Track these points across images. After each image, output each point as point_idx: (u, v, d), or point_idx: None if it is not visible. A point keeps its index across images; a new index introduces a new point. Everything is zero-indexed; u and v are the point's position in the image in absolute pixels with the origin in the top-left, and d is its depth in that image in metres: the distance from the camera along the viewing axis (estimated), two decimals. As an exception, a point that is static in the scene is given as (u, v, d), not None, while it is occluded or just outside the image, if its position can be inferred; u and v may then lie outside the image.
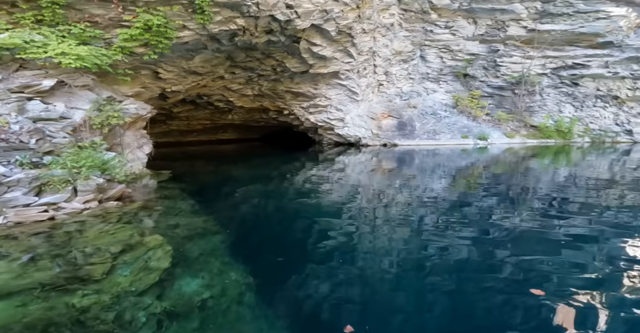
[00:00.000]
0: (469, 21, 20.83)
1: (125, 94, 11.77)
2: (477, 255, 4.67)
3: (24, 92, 6.76)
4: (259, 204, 7.87)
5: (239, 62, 14.86)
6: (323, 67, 16.84)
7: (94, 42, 9.72)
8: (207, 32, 11.39)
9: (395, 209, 7.10)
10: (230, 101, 18.03)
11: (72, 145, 6.38)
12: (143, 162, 10.38)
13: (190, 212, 6.60)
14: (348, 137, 20.84)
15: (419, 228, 5.85)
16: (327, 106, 19.76)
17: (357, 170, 13.46)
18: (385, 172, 13.16)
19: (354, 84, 19.43)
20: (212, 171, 13.94)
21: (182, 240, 5.06)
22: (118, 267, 4.03)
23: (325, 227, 5.88)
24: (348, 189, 9.48)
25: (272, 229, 5.95)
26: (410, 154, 18.09)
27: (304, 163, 16.03)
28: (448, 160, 15.93)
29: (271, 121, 21.90)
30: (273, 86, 17.47)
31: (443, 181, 10.75)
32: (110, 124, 7.66)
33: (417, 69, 22.76)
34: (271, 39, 13.59)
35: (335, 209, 7.05)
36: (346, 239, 5.25)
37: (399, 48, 21.14)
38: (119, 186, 6.78)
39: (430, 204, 7.47)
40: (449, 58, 22.26)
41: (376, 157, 17.14)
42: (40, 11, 8.60)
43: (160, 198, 7.69)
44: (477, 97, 23.06)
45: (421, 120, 22.02)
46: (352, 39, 16.37)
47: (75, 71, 8.04)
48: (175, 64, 12.90)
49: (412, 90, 23.12)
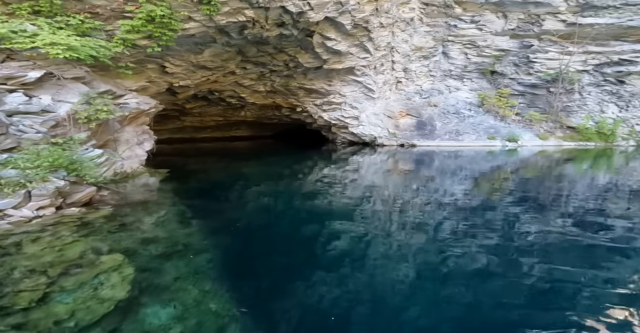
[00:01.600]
0: (498, 15, 19.38)
1: (129, 88, 11.39)
2: (499, 265, 4.27)
3: (6, 84, 6.35)
4: (264, 209, 7.26)
5: (250, 56, 14.26)
6: (337, 63, 16.01)
7: (94, 34, 9.31)
8: (214, 24, 10.81)
9: (411, 213, 6.64)
10: (242, 97, 17.51)
11: (45, 141, 5.89)
12: (141, 160, 9.92)
13: (176, 222, 5.86)
14: (363, 136, 19.93)
15: (436, 234, 5.42)
16: (341, 103, 18.92)
17: (371, 171, 12.84)
18: (402, 173, 12.45)
19: (370, 81, 18.49)
20: (222, 168, 13.58)
21: (154, 260, 4.28)
22: (55, 294, 3.34)
23: (334, 237, 5.28)
24: (361, 191, 8.92)
25: (274, 243, 5.22)
26: (430, 155, 17.07)
27: (316, 162, 15.49)
28: (471, 162, 14.92)
29: (284, 118, 21.29)
30: (286, 82, 16.81)
31: (465, 184, 9.99)
32: (99, 119, 7.17)
33: (439, 65, 21.49)
34: (283, 32, 12.89)
35: (346, 213, 6.52)
36: (357, 251, 4.76)
37: (420, 44, 19.96)
38: (87, 189, 6.07)
39: (450, 209, 6.91)
40: (475, 54, 20.86)
41: (392, 158, 16.33)
42: (37, 2, 8.24)
43: (144, 202, 7.04)
44: (506, 95, 21.49)
45: (442, 119, 20.78)
46: (368, 33, 15.44)
47: (66, 63, 7.62)
48: (184, 57, 12.43)
49: (433, 88, 21.88)
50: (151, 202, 7.13)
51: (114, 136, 8.89)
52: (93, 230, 5.19)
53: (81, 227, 5.26)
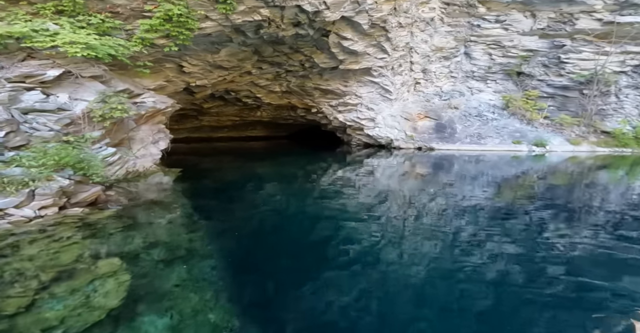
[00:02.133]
0: (526, 14, 18.62)
1: (147, 87, 11.54)
2: (519, 275, 4.03)
3: (24, 82, 6.49)
4: (274, 211, 7.13)
5: (266, 56, 14.24)
6: (354, 63, 15.78)
7: (115, 33, 9.47)
8: (230, 23, 10.82)
9: (426, 219, 6.42)
10: (258, 97, 17.53)
11: (57, 139, 5.95)
12: (155, 159, 10.00)
13: (183, 224, 5.74)
14: (379, 138, 19.59)
15: (453, 241, 5.20)
16: (357, 105, 18.66)
17: (387, 174, 12.61)
18: (419, 177, 12.13)
19: (387, 82, 18.15)
20: (236, 168, 13.67)
21: (154, 265, 4.11)
22: (45, 300, 3.21)
23: (346, 243, 5.11)
24: (376, 195, 8.71)
25: (282, 248, 5.03)
26: (449, 159, 16.55)
27: (330, 164, 15.36)
28: (494, 167, 14.40)
29: (299, 119, 21.21)
30: (301, 82, 16.71)
31: (486, 191, 9.63)
32: (113, 117, 7.23)
33: (460, 66, 20.90)
34: (299, 32, 12.78)
35: (359, 218, 6.33)
36: (369, 257, 4.57)
37: (440, 44, 19.47)
38: (93, 188, 6.01)
39: (468, 215, 6.66)
40: (500, 55, 20.13)
41: (409, 161, 15.96)
42: (60, 1, 8.41)
43: (153, 202, 6.96)
44: (533, 97, 20.48)
45: (463, 122, 20.15)
46: (386, 33, 15.14)
47: (84, 61, 7.74)
48: (200, 57, 12.51)
49: (454, 89, 21.29)
50: (160, 202, 7.10)
51: (128, 134, 8.98)
52: (94, 232, 5.04)
53: (82, 229, 5.11)
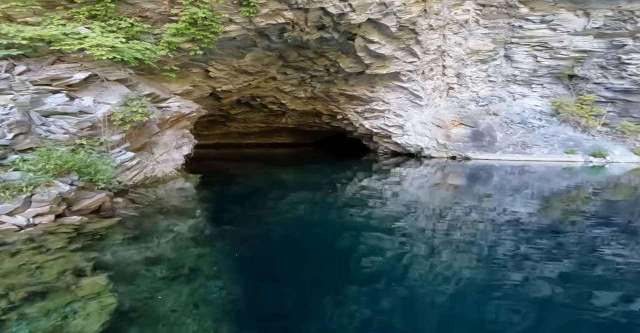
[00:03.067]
0: (577, 13, 17.25)
1: (174, 92, 11.77)
2: (564, 298, 3.67)
3: (51, 85, 6.68)
4: (295, 224, 6.74)
5: (291, 61, 14.17)
6: (381, 68, 15.32)
7: (144, 38, 9.73)
8: (254, 26, 10.83)
9: (459, 233, 6.00)
10: (284, 104, 17.50)
11: (71, 142, 5.96)
12: (177, 164, 10.01)
13: (193, 236, 5.35)
14: (408, 146, 18.82)
15: (488, 257, 4.83)
16: (384, 111, 18.09)
17: (416, 185, 11.98)
18: (452, 189, 11.37)
19: (417, 87, 17.48)
20: (261, 174, 13.60)
21: (150, 285, 3.63)
22: (11, 323, 2.84)
23: (371, 256, 4.79)
24: (403, 206, 8.33)
25: (299, 268, 4.60)
26: (488, 169, 15.45)
27: (356, 173, 14.91)
28: (542, 180, 13.19)
29: (324, 126, 20.94)
30: (326, 88, 16.47)
31: (530, 204, 8.79)
32: (134, 121, 7.28)
33: (500, 70, 19.72)
34: (324, 35, 12.60)
35: (385, 230, 6.02)
36: (394, 273, 4.27)
37: (476, 47, 18.54)
38: (97, 195, 5.68)
39: (508, 230, 6.21)
40: (547, 57, 18.73)
41: (442, 171, 15.09)
42: (94, 6, 8.74)
43: (167, 210, 6.70)
44: (589, 103, 18.58)
45: (505, 130, 18.85)
46: (416, 36, 14.60)
47: (111, 65, 7.93)
48: (226, 62, 12.64)
49: (493, 94, 20.08)
50: (178, 209, 6.92)
51: (152, 139, 9.06)
52: (88, 244, 4.60)
53: (75, 240, 4.71)
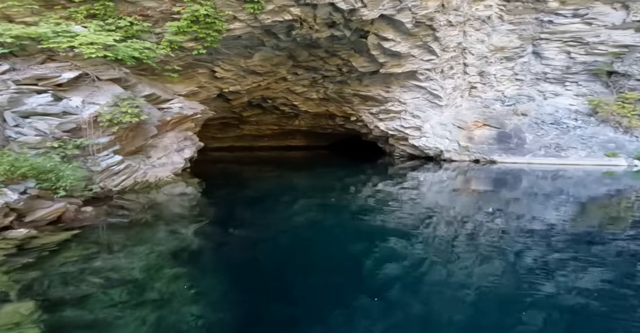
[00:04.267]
0: (615, 6, 15.80)
1: (178, 92, 11.45)
2: (608, 312, 3.34)
3: (37, 85, 6.37)
4: (300, 234, 6.17)
5: (301, 61, 13.61)
6: (396, 66, 14.49)
7: (146, 37, 9.44)
8: (259, 23, 10.33)
9: (481, 239, 5.69)
10: (295, 105, 16.97)
11: (41, 145, 5.52)
12: (176, 168, 9.56)
13: (169, 254, 4.58)
14: (426, 149, 17.82)
15: (514, 266, 4.55)
16: (400, 112, 17.19)
17: (434, 190, 11.29)
18: (475, 194, 10.63)
19: (436, 86, 16.50)
20: (273, 178, 13.26)
21: (104, 312, 3.00)
22: None
23: (384, 265, 4.51)
24: (420, 211, 7.96)
25: (307, 278, 4.13)
26: (516, 174, 14.34)
27: (370, 176, 14.26)
28: (578, 185, 12.11)
29: (338, 128, 20.26)
30: (339, 89, 15.79)
31: (564, 211, 8.10)
32: (123, 122, 6.86)
33: (528, 67, 18.34)
34: (334, 33, 11.95)
35: (400, 237, 5.71)
36: (409, 282, 4.08)
37: (501, 43, 17.31)
38: (56, 204, 5.10)
39: (538, 237, 5.79)
40: (582, 52, 17.22)
41: (463, 175, 14.17)
42: (93, 5, 8.50)
43: (145, 221, 5.92)
44: (632, 101, 16.99)
45: (535, 131, 17.45)
46: (433, 32, 13.69)
47: (103, 64, 7.60)
48: (233, 62, 12.23)
49: (520, 93, 18.72)
50: (164, 218, 6.28)
51: (150, 142, 8.68)
52: (29, 262, 3.89)
53: (12, 257, 4.06)
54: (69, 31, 6.96)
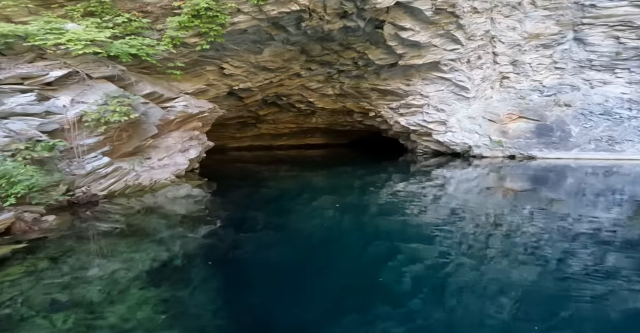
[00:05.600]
0: None
1: (185, 91, 11.09)
2: None
3: (22, 84, 6.09)
4: (322, 230, 5.87)
5: (314, 56, 12.89)
6: (417, 57, 13.41)
7: (147, 34, 9.11)
8: (265, 15, 9.72)
9: (519, 242, 5.25)
10: (311, 102, 16.29)
11: (6, 147, 5.12)
12: (179, 169, 9.12)
13: (142, 272, 4.04)
14: (452, 144, 16.54)
15: (556, 272, 4.19)
16: (423, 106, 16.03)
17: (462, 189, 10.35)
18: (510, 193, 9.66)
19: (462, 77, 15.20)
20: (290, 177, 12.79)
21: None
22: None
23: (406, 271, 4.23)
24: (446, 212, 7.37)
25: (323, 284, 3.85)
26: (560, 170, 12.95)
27: (391, 175, 13.42)
28: (635, 182, 10.75)
29: (356, 125, 19.36)
30: (356, 83, 14.92)
31: (617, 211, 7.29)
32: (110, 122, 6.47)
33: (570, 55, 16.50)
34: (347, 24, 11.14)
35: (423, 239, 5.39)
36: (432, 288, 3.83)
37: (536, 30, 15.66)
38: (3, 215, 4.53)
39: (586, 240, 5.34)
40: (633, 37, 15.19)
41: (496, 173, 12.97)
42: (89, 3, 8.25)
43: (119, 233, 5.30)
44: None
45: (582, 122, 15.66)
46: (457, 20, 12.49)
47: (95, 61, 7.25)
48: (243, 58, 11.72)
49: (562, 83, 16.90)
50: (146, 228, 5.68)
51: (148, 142, 8.31)
52: None
53: None
54: (59, 28, 6.66)
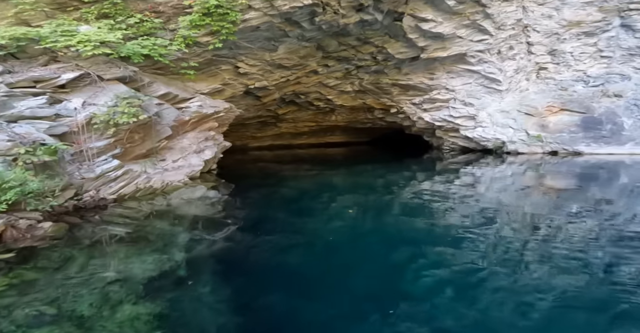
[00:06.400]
0: None
1: (200, 91, 11.05)
2: None
3: (34, 87, 6.15)
4: (342, 236, 5.58)
5: (331, 52, 12.50)
6: (440, 50, 12.65)
7: (161, 34, 9.11)
8: (276, 11, 9.45)
9: (563, 246, 4.85)
10: (330, 99, 15.90)
11: (10, 151, 5.07)
12: (194, 170, 9.00)
13: (139, 284, 3.74)
14: (482, 140, 15.56)
15: (607, 280, 3.83)
16: (448, 100, 15.18)
17: (495, 188, 9.71)
18: (552, 192, 8.99)
19: (493, 69, 14.24)
20: (310, 177, 12.49)
21: None
22: None
23: (430, 279, 3.97)
24: (477, 212, 6.88)
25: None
26: (611, 167, 11.93)
27: (415, 173, 12.88)
28: None
29: (378, 122, 18.72)
30: (375, 79, 14.36)
31: None
32: (118, 123, 6.41)
33: (617, 42, 15.03)
34: (364, 17, 10.67)
35: (451, 242, 5.03)
36: (460, 298, 3.55)
37: (576, 18, 14.34)
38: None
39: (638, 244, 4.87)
40: (693, 22, 13.77)
41: (534, 170, 12.06)
42: (103, 4, 8.32)
43: (120, 240, 5.01)
44: None
45: (634, 114, 14.27)
46: (483, 9, 11.64)
47: (107, 62, 7.26)
48: (257, 56, 11.53)
49: (609, 72, 15.41)
50: (151, 234, 5.37)
51: (162, 144, 8.26)
52: None
53: None
54: (70, 30, 6.70)
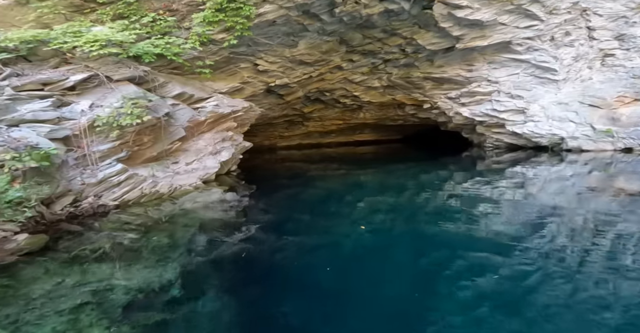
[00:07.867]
0: None
1: (219, 90, 10.81)
2: None
3: (42, 90, 6.10)
4: (370, 242, 5.24)
5: (355, 45, 11.73)
6: (479, 39, 11.35)
7: (176, 33, 8.96)
8: (292, 3, 8.92)
9: (629, 257, 4.29)
10: (356, 96, 15.09)
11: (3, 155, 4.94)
12: (208, 173, 8.70)
13: (121, 304, 3.40)
14: (534, 136, 13.92)
15: None
16: (491, 93, 13.72)
17: (551, 190, 8.72)
18: (623, 195, 7.82)
19: (546, 57, 12.63)
20: (338, 176, 12.05)
21: None
22: None
23: (472, 289, 3.69)
24: (528, 217, 6.17)
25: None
26: None
27: (452, 173, 11.84)
28: None
29: (409, 118, 17.53)
30: (405, 73, 13.31)
31: None
32: (122, 125, 6.19)
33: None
34: (389, 7, 9.80)
35: (496, 249, 4.62)
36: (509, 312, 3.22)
37: (646, -4, 12.38)
38: None
39: None
40: None
41: (602, 171, 10.56)
42: (117, 5, 8.29)
43: (107, 256, 4.56)
44: None
45: None
46: (532, -10, 10.24)
47: (117, 62, 7.12)
48: (277, 53, 11.08)
49: (698, 57, 13.23)
50: (143, 247, 4.92)
51: (175, 145, 8.05)
52: None
53: None
54: (80, 32, 6.62)
